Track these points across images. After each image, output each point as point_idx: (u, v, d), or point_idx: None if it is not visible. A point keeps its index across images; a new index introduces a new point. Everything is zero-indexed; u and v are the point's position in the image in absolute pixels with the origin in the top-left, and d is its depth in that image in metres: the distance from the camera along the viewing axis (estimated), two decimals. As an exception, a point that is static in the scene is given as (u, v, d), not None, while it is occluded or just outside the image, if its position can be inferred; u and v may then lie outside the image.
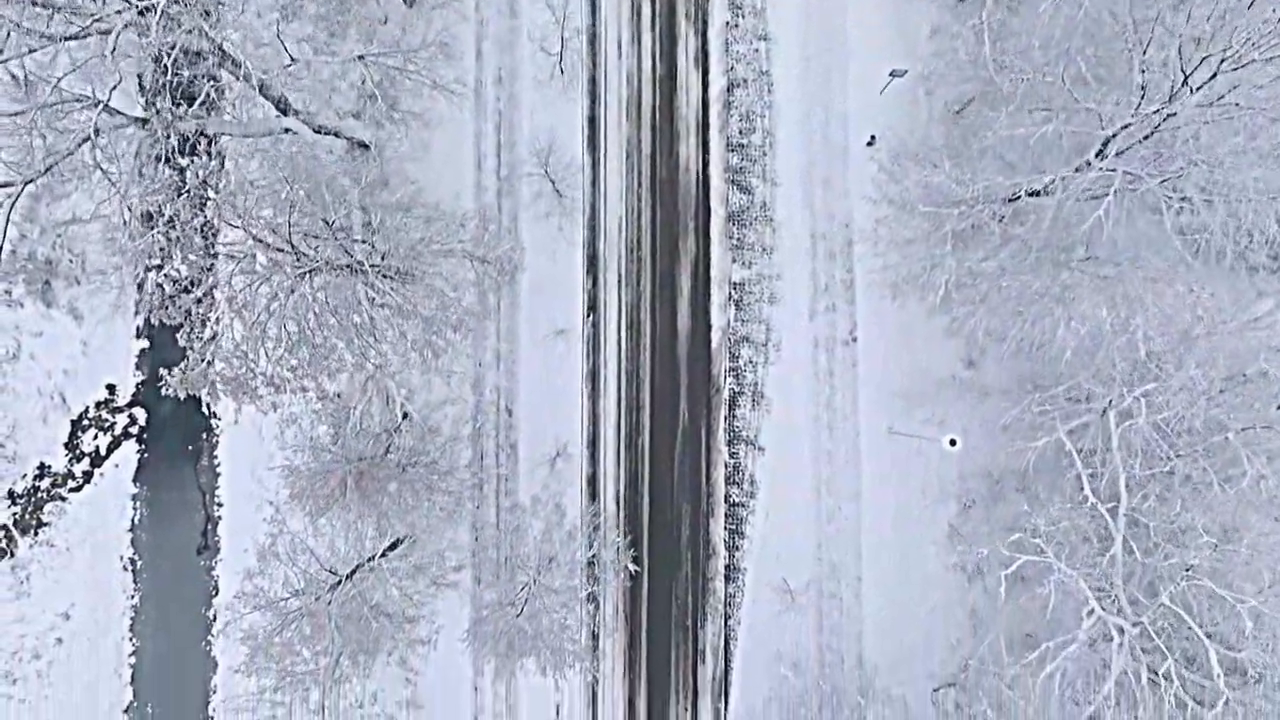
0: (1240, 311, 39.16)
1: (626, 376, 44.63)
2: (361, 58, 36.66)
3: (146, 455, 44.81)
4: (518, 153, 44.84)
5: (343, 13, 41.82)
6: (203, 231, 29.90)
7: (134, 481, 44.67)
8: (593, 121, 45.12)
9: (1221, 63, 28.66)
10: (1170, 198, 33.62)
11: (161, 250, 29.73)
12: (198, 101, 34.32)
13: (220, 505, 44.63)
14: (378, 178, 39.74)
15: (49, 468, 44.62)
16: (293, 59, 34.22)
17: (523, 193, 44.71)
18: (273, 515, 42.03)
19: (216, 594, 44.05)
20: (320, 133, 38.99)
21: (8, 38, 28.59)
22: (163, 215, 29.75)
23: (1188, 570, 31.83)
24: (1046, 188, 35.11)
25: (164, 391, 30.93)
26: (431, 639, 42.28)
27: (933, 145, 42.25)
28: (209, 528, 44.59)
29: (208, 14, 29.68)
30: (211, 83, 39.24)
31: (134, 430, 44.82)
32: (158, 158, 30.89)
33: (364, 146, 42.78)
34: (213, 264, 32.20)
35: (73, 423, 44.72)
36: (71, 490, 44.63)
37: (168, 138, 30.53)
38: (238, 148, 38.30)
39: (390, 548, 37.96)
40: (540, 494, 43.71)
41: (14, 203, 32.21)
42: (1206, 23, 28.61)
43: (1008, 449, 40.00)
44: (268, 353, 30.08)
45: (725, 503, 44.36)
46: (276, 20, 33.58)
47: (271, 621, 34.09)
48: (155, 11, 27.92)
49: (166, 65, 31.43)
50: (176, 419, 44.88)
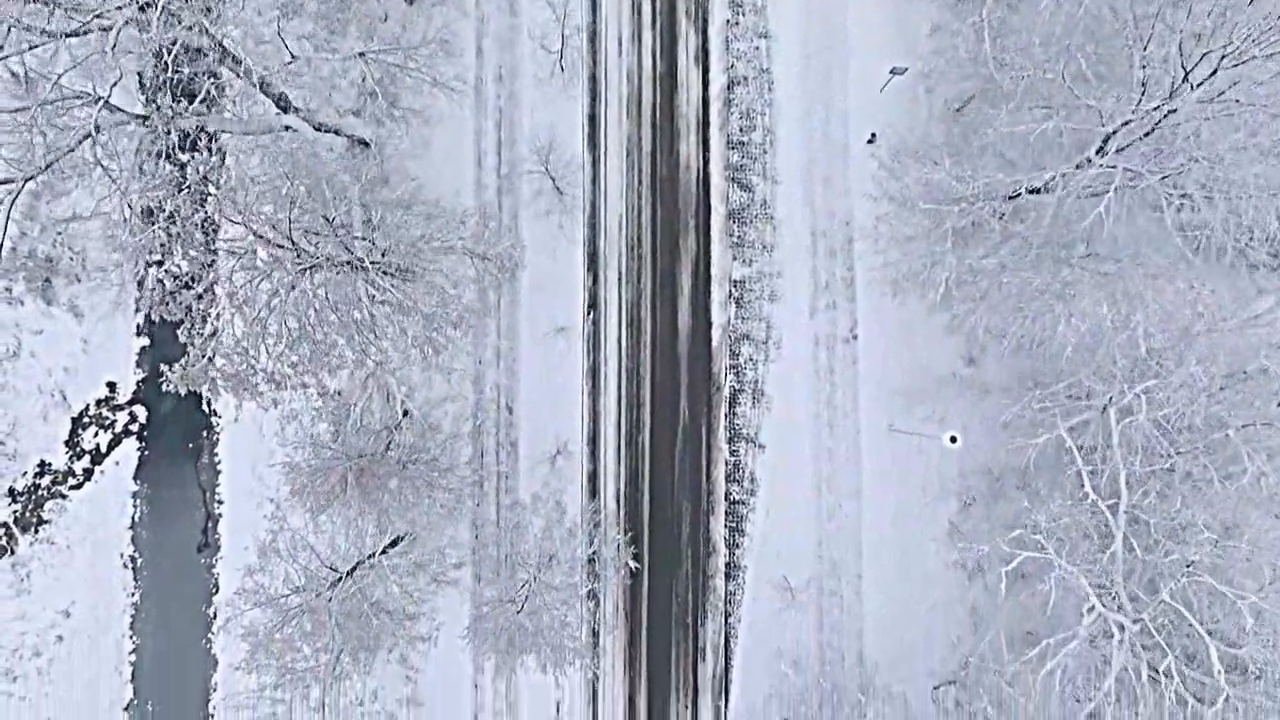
0: (1241, 309, 39.15)
1: (627, 374, 44.62)
2: (362, 55, 36.71)
3: (147, 453, 44.82)
4: (518, 150, 44.82)
5: (343, 10, 41.86)
6: (203, 227, 29.91)
7: (134, 479, 44.69)
8: (593, 119, 45.11)
9: (1222, 59, 28.64)
10: (1170, 195, 33.63)
11: (162, 246, 29.75)
12: (198, 99, 34.31)
13: (221, 503, 44.63)
14: (378, 175, 39.74)
15: (49, 465, 44.63)
16: (293, 56, 34.20)
17: (523, 190, 44.71)
18: (273, 512, 42.02)
19: (217, 592, 44.04)
20: (320, 130, 38.99)
21: (8, 34, 28.60)
22: (163, 211, 29.76)
23: (1188, 566, 31.81)
24: (1047, 185, 35.10)
25: (165, 388, 30.91)
26: (432, 636, 42.25)
27: (933, 143, 42.24)
28: (209, 525, 44.59)
29: (208, 10, 29.68)
30: (212, 80, 39.25)
31: (134, 428, 44.83)
32: (158, 154, 30.89)
33: (364, 144, 42.77)
34: (213, 260, 32.20)
35: (73, 420, 44.73)
36: (72, 488, 44.64)
37: (168, 133, 30.53)
38: (238, 144, 38.31)
39: (391, 545, 37.97)
40: (541, 491, 43.69)
41: (14, 199, 32.20)
42: (1207, 19, 28.62)
43: (1008, 446, 39.96)
44: (268, 349, 30.09)
45: (726, 500, 44.34)
46: (277, 17, 33.63)
47: (272, 618, 34.09)
48: (156, 8, 27.94)
49: (167, 62, 31.48)
50: (177, 417, 44.89)
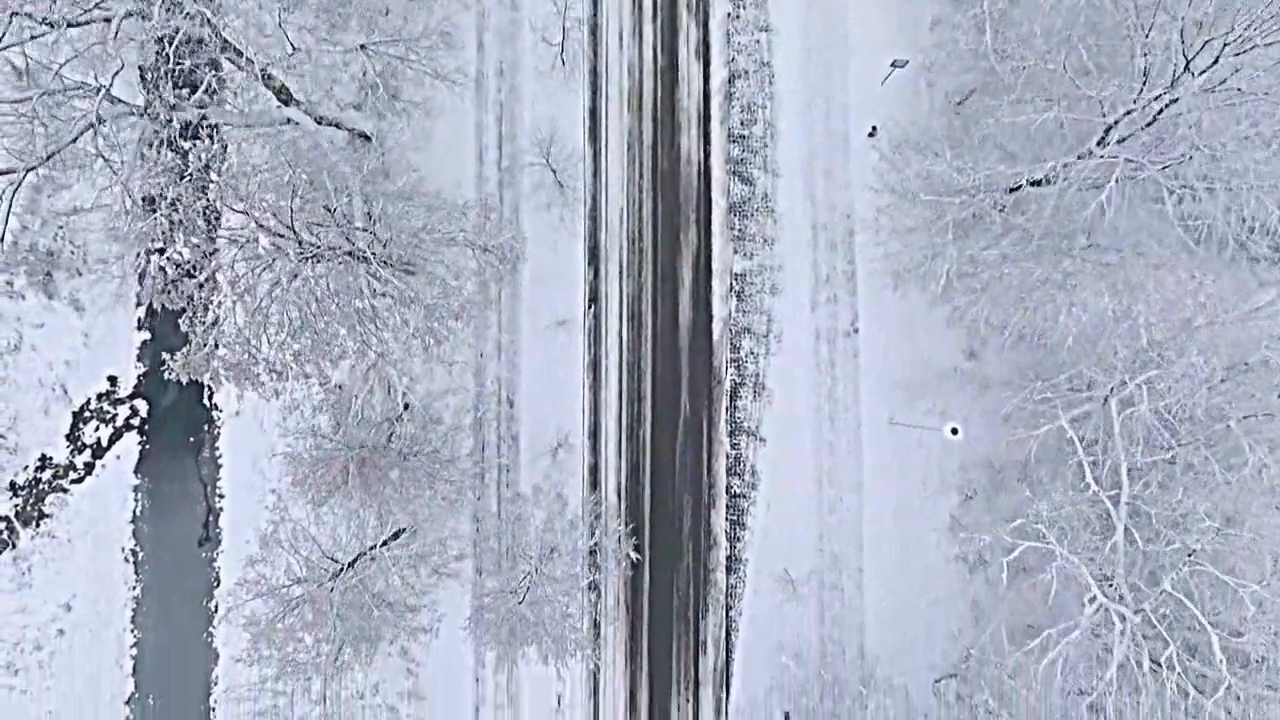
0: (1241, 301, 38.99)
1: (628, 367, 44.62)
2: (363, 47, 36.72)
3: (148, 447, 44.82)
4: (519, 144, 44.84)
5: (344, 3, 41.88)
6: (205, 215, 29.87)
7: (135, 473, 44.68)
8: (594, 112, 45.12)
9: (1224, 47, 28.65)
10: (1172, 186, 33.60)
11: (164, 234, 29.74)
12: (200, 90, 34.31)
13: (221, 497, 44.62)
14: (379, 167, 39.71)
15: (50, 459, 44.63)
16: (294, 48, 34.19)
17: (524, 183, 44.71)
18: (275, 502, 42.01)
19: (218, 585, 44.03)
20: (321, 123, 38.98)
21: (10, 22, 28.60)
22: (165, 198, 29.76)
23: (1190, 555, 31.77)
24: (1048, 176, 35.06)
25: (167, 376, 30.96)
26: (433, 628, 42.21)
27: (934, 135, 42.18)
28: (210, 519, 44.58)
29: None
30: (213, 72, 39.30)
31: (135, 422, 44.83)
32: (160, 143, 30.90)
33: (365, 138, 42.77)
34: (215, 249, 32.18)
35: (74, 414, 44.74)
36: (73, 482, 44.65)
37: (169, 122, 30.53)
38: (240, 134, 38.32)
39: (392, 537, 37.94)
40: (542, 484, 43.67)
41: (16, 190, 32.27)
42: (1209, 6, 28.59)
43: (1009, 438, 39.92)
44: (270, 338, 30.09)
45: (726, 494, 44.33)
46: (279, 9, 33.52)
47: (274, 608, 34.10)
48: (157, -4, 27.98)
49: (169, 53, 31.47)
50: (178, 410, 44.89)
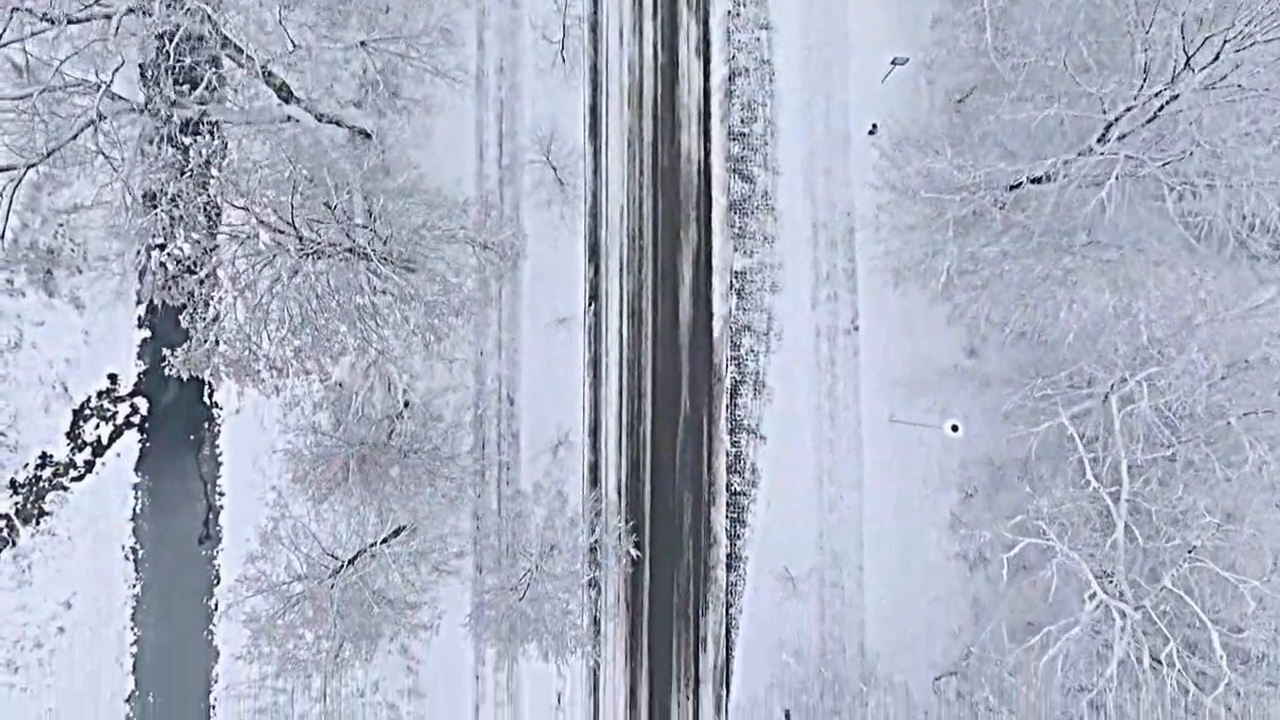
0: (1242, 299, 38.97)
1: (628, 365, 44.61)
2: (364, 44, 36.73)
3: (148, 444, 44.80)
4: (519, 141, 44.83)
5: (344, 0, 41.88)
6: (206, 210, 29.90)
7: (136, 471, 44.65)
8: (594, 110, 45.13)
9: (1224, 44, 28.66)
10: (1172, 182, 33.62)
11: (165, 229, 29.75)
12: (200, 87, 34.31)
13: (222, 495, 44.61)
14: (379, 165, 39.75)
15: (51, 457, 44.62)
16: (295, 45, 34.19)
17: (524, 181, 44.71)
18: (275, 499, 41.96)
19: (218, 583, 44.02)
20: (322, 121, 38.99)
21: (10, 18, 28.62)
22: (165, 194, 29.77)
23: (1190, 552, 31.76)
24: (1049, 173, 35.08)
25: (167, 372, 30.90)
26: (434, 625, 42.18)
27: (934, 133, 42.19)
28: (210, 517, 44.56)
29: (210, -5, 29.67)
30: (214, 69, 39.29)
31: (136, 420, 44.82)
32: (161, 139, 30.91)
33: (366, 135, 42.75)
34: (215, 245, 32.20)
35: (74, 412, 44.71)
36: (73, 479, 44.62)
37: (170, 118, 30.56)
38: (241, 130, 38.32)
39: (392, 534, 37.92)
40: (542, 481, 43.65)
41: (16, 186, 32.28)
42: (1209, 1, 28.59)
43: (1009, 436, 39.94)
44: (270, 335, 30.08)
45: (727, 491, 44.33)
46: (279, 6, 33.52)
47: (274, 604, 34.08)
48: (158, -7, 27.97)
49: (169, 50, 31.50)
50: (178, 408, 44.88)
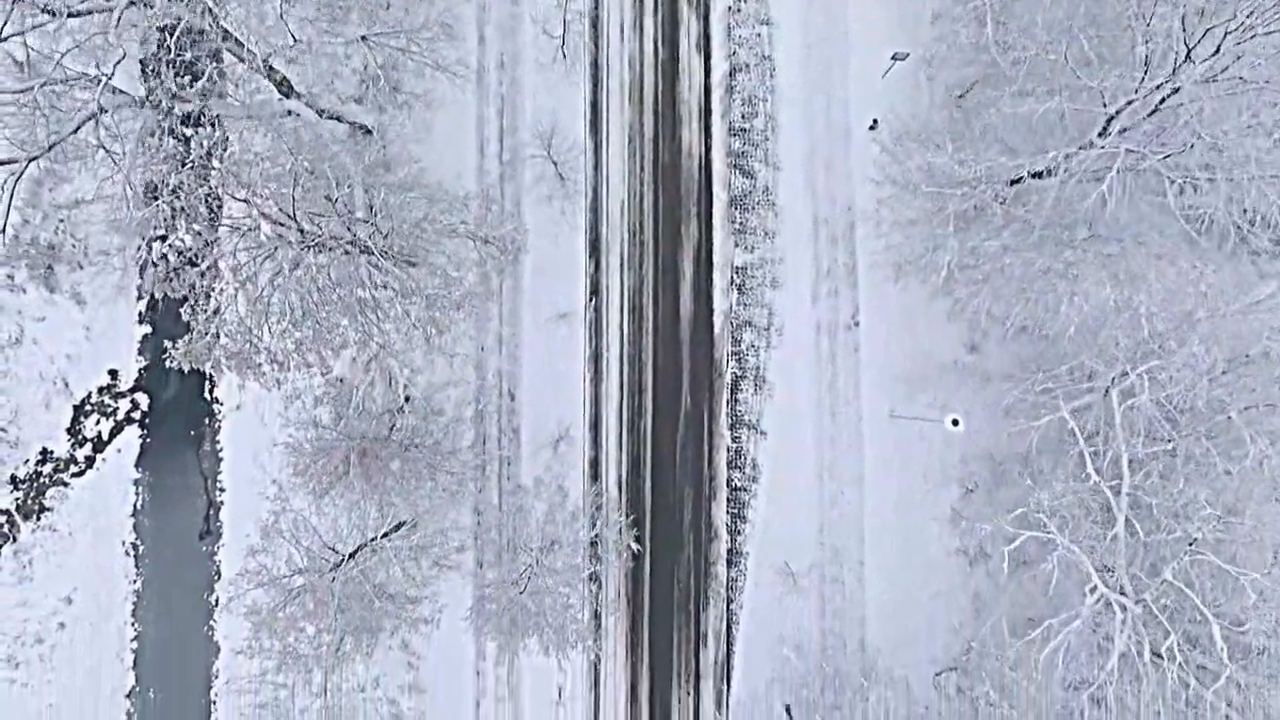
0: (1243, 294, 39.00)
1: (629, 360, 44.60)
2: (364, 39, 36.71)
3: (149, 440, 44.79)
4: (520, 136, 44.84)
5: (345, -5, 41.93)
6: (207, 202, 29.90)
7: (136, 467, 44.65)
8: (595, 105, 45.14)
9: (1225, 36, 28.67)
10: (1173, 175, 33.60)
11: (166, 220, 29.75)
12: (201, 82, 34.28)
13: (222, 490, 44.60)
14: (379, 160, 39.76)
15: (51, 453, 44.61)
16: (296, 39, 34.20)
17: (525, 176, 44.72)
18: (276, 493, 41.96)
19: (218, 579, 44.01)
20: (323, 116, 39.00)
21: (11, 10, 28.63)
22: (167, 185, 29.78)
23: (1191, 544, 31.76)
24: (1049, 168, 35.06)
25: (168, 364, 30.95)
26: (434, 619, 42.17)
27: (935, 128, 42.21)
28: (211, 513, 44.56)
29: (211, -12, 29.69)
30: (214, 64, 39.27)
31: (136, 415, 44.81)
32: (162, 131, 30.91)
33: (366, 131, 42.75)
34: (217, 238, 32.21)
35: (75, 408, 44.71)
36: (74, 475, 44.62)
37: (171, 110, 30.54)
38: (242, 123, 38.29)
39: (393, 529, 37.91)
40: (543, 475, 43.64)
41: (18, 179, 32.28)
42: (1210, -7, 28.66)
43: (1010, 430, 39.92)
44: (271, 328, 30.09)
45: (727, 487, 44.32)
46: (280, 0, 33.49)
47: (275, 598, 34.06)
48: (160, -14, 27.98)
49: (170, 44, 31.52)
50: (179, 404, 44.88)
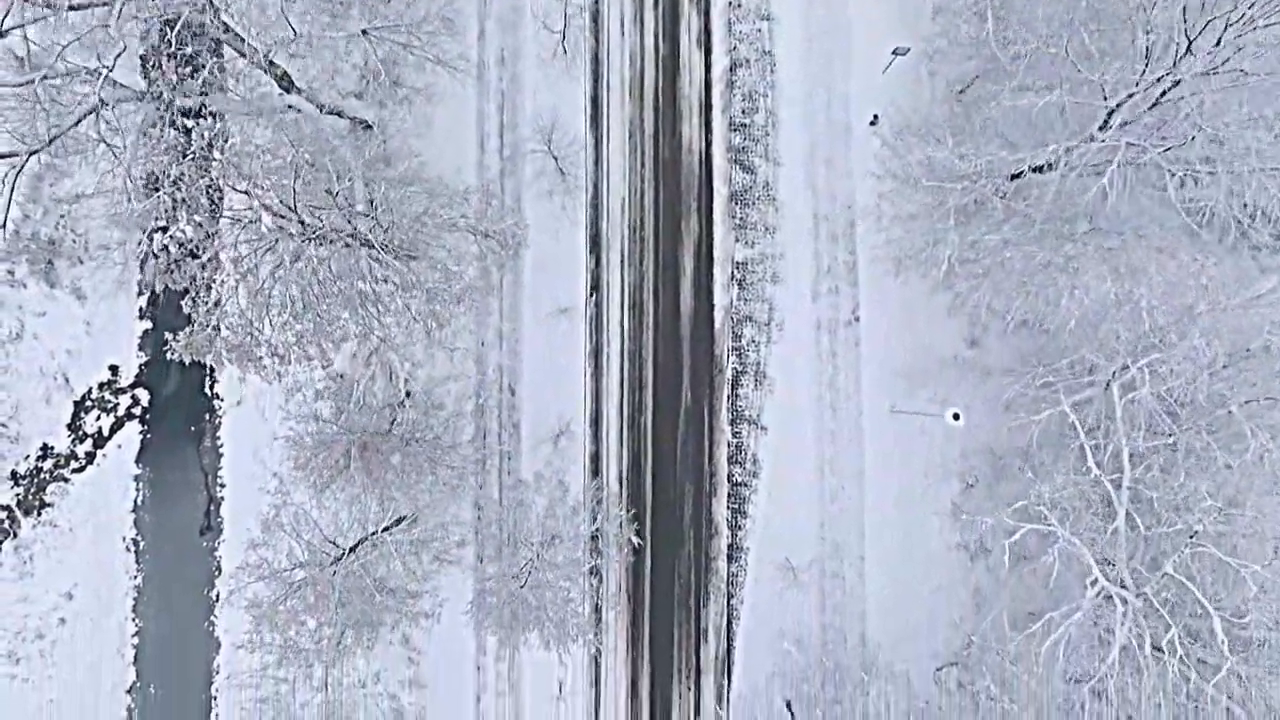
0: (1243, 288, 39.07)
1: (629, 355, 44.61)
2: (365, 32, 36.68)
3: (149, 436, 44.80)
4: (520, 131, 44.84)
5: (346, -11, 41.85)
6: (208, 193, 29.91)
7: (137, 462, 44.66)
8: (595, 100, 45.15)
9: (1226, 27, 28.67)
10: (1174, 168, 33.61)
11: (167, 212, 29.76)
12: (201, 77, 34.28)
13: (223, 486, 44.61)
14: (380, 154, 39.76)
15: (52, 448, 44.61)
16: (296, 33, 34.19)
17: (525, 171, 44.72)
18: (277, 486, 41.99)
19: (219, 574, 44.01)
20: (323, 111, 38.98)
21: (11, 4, 28.61)
22: (168, 176, 29.79)
23: (1192, 537, 31.77)
24: (1050, 162, 35.07)
25: (169, 356, 30.93)
26: (435, 613, 42.15)
27: (936, 123, 42.21)
28: (211, 509, 44.57)
29: (211, -17, 29.70)
30: (215, 58, 39.29)
31: (137, 411, 44.82)
32: (163, 123, 30.92)
33: (367, 126, 42.76)
34: (217, 230, 32.20)
35: (76, 403, 44.71)
36: (74, 471, 44.62)
37: (171, 102, 30.55)
38: (242, 117, 38.28)
39: (394, 523, 37.92)
40: (543, 470, 43.65)
41: (19, 173, 32.28)
42: (1211, -16, 28.65)
43: (1011, 424, 39.94)
44: (272, 320, 30.09)
45: (728, 482, 44.32)
46: (281, -5, 33.51)
47: (276, 591, 34.08)
48: (160, -22, 27.98)
49: (171, 39, 31.48)
50: (179, 400, 44.90)
